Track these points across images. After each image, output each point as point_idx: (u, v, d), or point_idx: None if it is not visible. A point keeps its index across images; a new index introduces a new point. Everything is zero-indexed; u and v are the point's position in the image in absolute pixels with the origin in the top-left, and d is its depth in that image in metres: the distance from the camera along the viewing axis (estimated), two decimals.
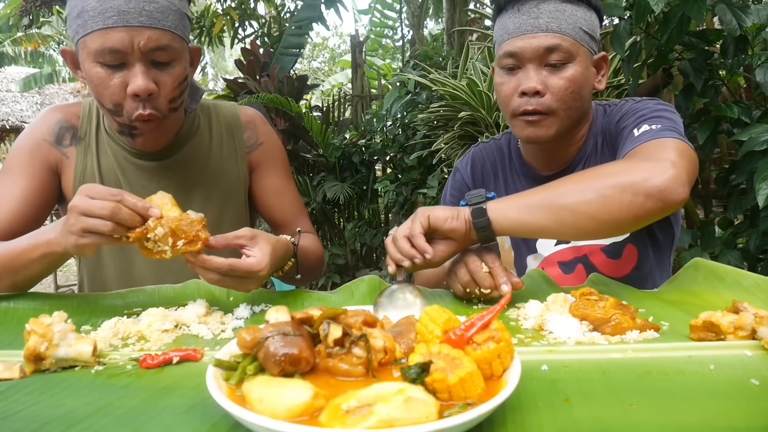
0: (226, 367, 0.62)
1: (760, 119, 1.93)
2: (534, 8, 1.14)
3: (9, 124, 11.58)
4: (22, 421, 0.60)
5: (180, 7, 1.12)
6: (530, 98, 1.15)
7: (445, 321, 0.68)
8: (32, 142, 1.24)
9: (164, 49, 1.09)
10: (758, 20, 1.74)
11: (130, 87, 1.07)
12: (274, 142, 1.44)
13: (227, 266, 0.94)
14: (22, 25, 7.12)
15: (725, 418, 0.57)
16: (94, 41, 1.05)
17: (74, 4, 1.07)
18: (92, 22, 1.05)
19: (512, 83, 1.18)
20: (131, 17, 1.05)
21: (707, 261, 1.09)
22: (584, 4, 1.16)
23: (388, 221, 4.86)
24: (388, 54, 9.27)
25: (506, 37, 1.17)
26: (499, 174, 1.37)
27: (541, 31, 1.13)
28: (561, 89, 1.14)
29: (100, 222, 0.88)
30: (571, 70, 1.14)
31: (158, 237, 0.90)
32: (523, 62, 1.15)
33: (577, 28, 1.14)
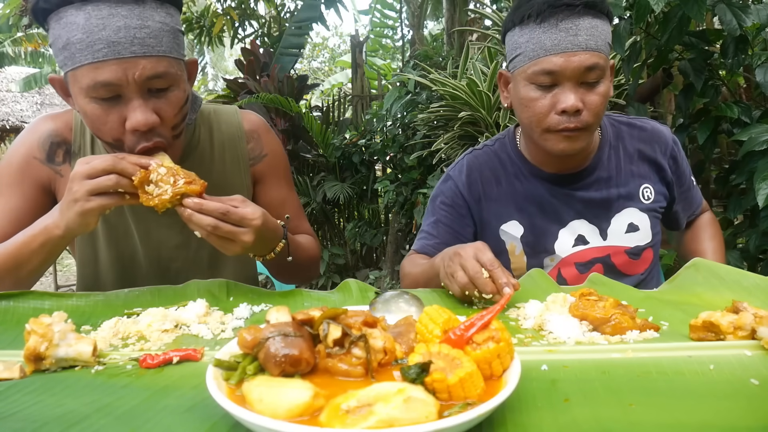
0: (226, 367, 0.62)
1: (760, 119, 1.93)
2: (572, 25, 1.12)
3: (9, 124, 11.57)
4: (22, 421, 0.60)
5: (173, 25, 1.04)
6: (570, 116, 1.15)
7: (444, 321, 0.68)
8: (22, 159, 1.18)
9: (161, 77, 1.01)
10: (758, 20, 1.74)
11: (129, 122, 1.00)
12: (278, 152, 1.39)
13: (224, 209, 0.95)
14: (22, 25, 7.12)
15: (725, 418, 0.57)
16: (85, 76, 0.97)
17: (58, 34, 0.97)
18: (80, 55, 0.96)
19: (548, 100, 1.17)
20: (122, 48, 0.96)
21: (707, 261, 1.10)
22: (607, 18, 1.17)
23: (388, 221, 4.86)
24: (388, 54, 9.26)
25: (542, 53, 1.15)
26: (502, 180, 1.36)
27: (580, 49, 1.12)
28: (597, 106, 1.16)
29: (103, 178, 0.91)
30: (603, 86, 1.16)
31: (161, 176, 0.93)
32: (560, 80, 1.14)
33: (606, 43, 1.16)
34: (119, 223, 1.25)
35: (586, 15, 1.13)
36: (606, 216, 1.32)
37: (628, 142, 1.35)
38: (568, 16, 1.12)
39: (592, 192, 1.31)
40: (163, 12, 1.02)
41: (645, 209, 1.33)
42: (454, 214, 1.38)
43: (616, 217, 1.32)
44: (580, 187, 1.31)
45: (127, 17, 0.96)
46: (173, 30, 1.04)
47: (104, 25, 0.95)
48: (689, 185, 1.42)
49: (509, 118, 2.67)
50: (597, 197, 1.31)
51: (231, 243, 0.99)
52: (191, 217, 0.96)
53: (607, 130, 1.35)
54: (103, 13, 0.95)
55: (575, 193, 1.31)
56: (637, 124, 1.38)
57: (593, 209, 1.32)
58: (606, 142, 1.34)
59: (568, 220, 1.32)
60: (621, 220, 1.32)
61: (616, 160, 1.34)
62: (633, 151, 1.35)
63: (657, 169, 1.35)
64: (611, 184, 1.32)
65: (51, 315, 0.76)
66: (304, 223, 1.43)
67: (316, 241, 1.41)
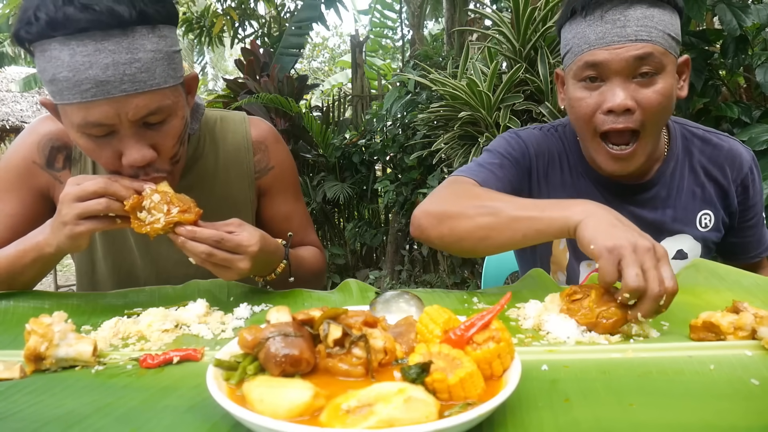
0: (227, 367, 0.62)
1: (760, 119, 1.93)
2: (620, 15, 1.02)
3: (9, 124, 11.57)
4: (22, 421, 0.60)
5: (167, 49, 0.96)
6: (618, 116, 1.05)
7: (445, 321, 0.68)
8: (21, 163, 1.15)
9: (155, 113, 0.95)
10: (758, 20, 1.74)
11: (126, 160, 0.96)
12: (286, 164, 1.33)
13: (218, 236, 0.92)
14: None
15: (725, 418, 0.57)
16: (74, 114, 0.92)
17: (43, 67, 0.91)
18: (68, 93, 0.90)
19: (593, 98, 1.07)
20: (112, 87, 0.89)
21: (707, 261, 1.09)
22: (670, 6, 1.05)
23: (388, 221, 4.86)
24: (388, 54, 9.26)
25: (586, 47, 1.05)
26: (565, 166, 1.26)
27: (629, 41, 1.02)
28: (654, 104, 1.04)
29: (93, 201, 0.87)
30: (661, 83, 1.04)
31: (154, 204, 0.89)
32: (607, 75, 1.05)
33: (666, 35, 1.04)
34: (118, 235, 1.22)
35: (639, 4, 1.02)
36: (656, 238, 1.15)
37: (696, 158, 1.23)
38: (616, 6, 1.03)
39: (646, 211, 1.21)
40: (155, 37, 0.93)
41: (699, 237, 1.22)
42: (518, 169, 1.23)
43: (666, 241, 1.22)
44: (635, 202, 1.21)
45: (114, 52, 0.89)
46: (168, 55, 0.96)
47: (91, 63, 0.88)
48: (757, 222, 1.27)
49: (509, 118, 2.67)
50: (649, 218, 1.21)
51: (227, 270, 0.97)
52: (184, 245, 0.93)
53: (677, 142, 1.22)
54: (88, 50, 0.88)
55: (628, 207, 1.21)
56: (713, 141, 1.24)
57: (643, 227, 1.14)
58: (673, 155, 1.22)
59: None
60: (670, 244, 1.22)
61: (680, 178, 1.22)
62: (700, 171, 1.22)
63: (722, 194, 1.23)
64: (668, 205, 1.21)
65: (51, 315, 0.76)
66: (310, 235, 1.38)
67: (321, 253, 1.37)
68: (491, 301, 0.99)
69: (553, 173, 1.26)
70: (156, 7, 0.93)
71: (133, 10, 0.89)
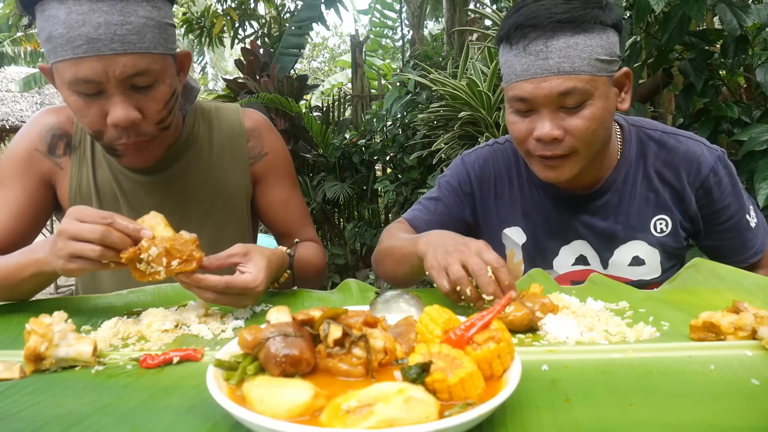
0: (227, 367, 0.62)
1: (760, 119, 1.93)
2: (543, 47, 1.02)
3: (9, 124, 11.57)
4: (22, 421, 0.60)
5: (159, 19, 1.01)
6: (547, 144, 1.06)
7: (445, 321, 0.68)
8: (24, 152, 1.17)
9: (143, 74, 0.99)
10: (758, 20, 1.74)
11: (110, 118, 0.99)
12: (280, 151, 1.35)
13: (223, 284, 0.90)
14: (22, 25, 7.12)
15: (725, 418, 0.57)
16: (66, 71, 0.97)
17: (42, 26, 0.97)
18: (61, 50, 0.95)
19: (525, 125, 1.09)
20: (102, 45, 0.94)
21: (707, 261, 1.09)
22: (598, 27, 1.02)
23: (388, 221, 4.86)
24: (388, 54, 9.26)
25: (513, 78, 1.07)
26: (515, 181, 1.28)
27: (551, 74, 1.02)
28: (582, 130, 1.05)
29: (87, 247, 0.85)
30: (590, 108, 1.04)
31: (152, 257, 0.86)
32: (535, 106, 1.06)
33: (593, 61, 1.02)
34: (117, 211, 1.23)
35: (561, 34, 1.01)
36: (608, 246, 1.22)
37: (651, 162, 1.20)
38: (539, 37, 1.02)
39: (597, 219, 1.21)
40: (149, 6, 0.99)
41: (655, 243, 1.20)
42: (457, 200, 1.31)
43: (620, 248, 1.22)
44: (586, 210, 1.22)
45: (108, 13, 0.94)
46: (159, 24, 1.01)
47: (84, 21, 0.94)
48: (736, 225, 1.20)
49: None
50: (600, 226, 1.21)
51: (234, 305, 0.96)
52: (190, 289, 0.92)
53: (631, 147, 1.21)
54: (83, 9, 0.94)
55: (580, 217, 1.22)
56: (668, 143, 1.20)
57: (596, 236, 1.22)
58: (625, 161, 1.20)
59: (571, 239, 1.24)
60: (625, 251, 1.22)
61: (632, 183, 1.20)
62: (653, 175, 1.20)
63: (678, 198, 1.20)
64: (620, 212, 1.21)
65: (51, 315, 0.76)
66: (308, 230, 1.39)
67: (321, 249, 1.37)
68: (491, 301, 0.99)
69: (502, 190, 1.29)
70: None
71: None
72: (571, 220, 1.23)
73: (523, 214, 1.27)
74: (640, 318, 0.87)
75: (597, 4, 1.03)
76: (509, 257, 1.30)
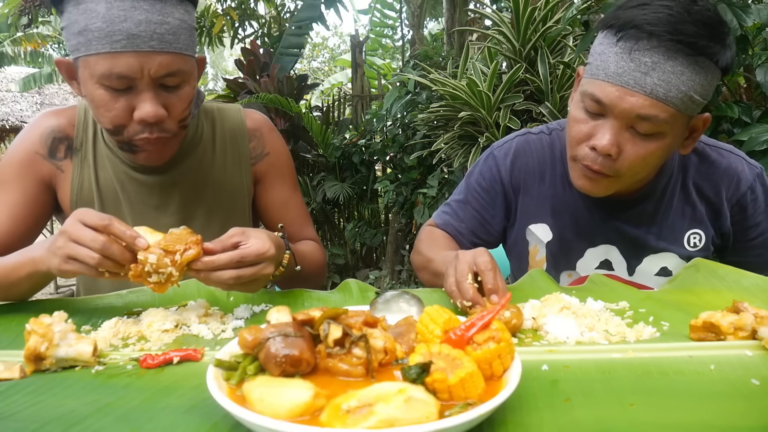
0: (227, 367, 0.62)
1: (761, 119, 1.93)
2: (648, 60, 0.93)
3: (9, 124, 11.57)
4: (22, 421, 0.60)
5: (190, 22, 1.06)
6: (598, 156, 1.00)
7: (445, 321, 0.68)
8: (24, 155, 1.17)
9: (175, 74, 1.03)
10: (759, 20, 1.74)
11: (139, 113, 1.01)
12: (281, 152, 1.36)
13: (238, 256, 0.90)
14: (21, 24, 7.11)
15: (725, 418, 0.57)
16: (100, 64, 0.98)
17: (74, 18, 0.98)
18: (97, 43, 0.97)
19: (587, 128, 1.02)
20: (141, 41, 0.97)
21: (707, 261, 1.09)
22: (712, 65, 0.95)
23: (388, 221, 4.86)
24: (388, 54, 9.26)
25: (602, 76, 0.98)
26: (546, 177, 1.23)
27: (643, 92, 0.94)
28: (637, 159, 0.99)
29: (86, 252, 0.85)
30: (657, 143, 0.98)
31: (154, 264, 0.85)
32: (608, 114, 0.99)
33: (687, 97, 0.94)
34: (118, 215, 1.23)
35: (676, 56, 0.92)
36: (638, 254, 1.19)
37: (691, 175, 1.16)
38: (650, 48, 0.93)
39: (630, 227, 1.18)
40: (182, 9, 1.03)
41: (686, 257, 1.17)
42: (487, 199, 1.26)
43: (649, 258, 1.19)
44: (619, 217, 1.18)
45: (148, 11, 0.98)
46: (190, 27, 1.06)
47: (126, 16, 0.96)
48: (762, 243, 1.18)
49: (509, 118, 2.67)
50: (632, 234, 1.18)
51: (253, 283, 0.96)
52: (208, 278, 0.90)
53: (674, 157, 1.16)
54: (125, 5, 0.96)
55: (612, 221, 1.18)
56: (710, 157, 1.16)
57: (626, 243, 1.19)
58: (667, 171, 1.15)
59: (599, 242, 1.21)
60: (654, 261, 1.19)
61: (671, 195, 1.16)
62: (692, 189, 1.16)
63: (714, 214, 1.17)
64: (654, 222, 1.17)
65: (51, 315, 0.76)
66: (308, 229, 1.39)
67: (320, 247, 1.37)
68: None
69: (531, 185, 1.24)
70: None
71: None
72: (602, 224, 1.20)
73: (552, 211, 1.23)
74: (640, 318, 0.87)
75: (722, 40, 0.95)
76: (532, 255, 1.27)
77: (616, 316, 0.87)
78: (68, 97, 13.75)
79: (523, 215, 1.26)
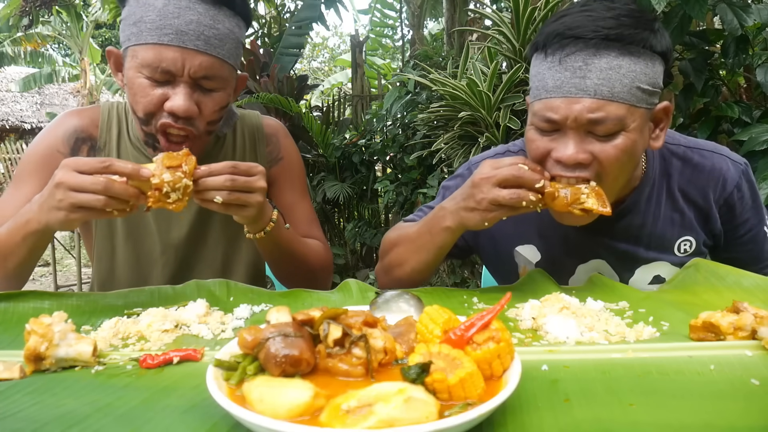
0: (227, 368, 0.62)
1: (760, 119, 1.93)
2: (582, 63, 0.92)
3: (9, 124, 11.58)
4: (22, 421, 0.60)
5: (239, 36, 1.11)
6: (568, 168, 0.97)
7: (445, 321, 0.68)
8: (44, 151, 1.20)
9: (212, 78, 1.08)
10: (759, 20, 1.74)
11: (171, 104, 1.05)
12: (294, 158, 1.40)
13: (232, 164, 0.97)
14: (22, 25, 7.12)
15: (725, 418, 0.57)
16: (146, 53, 1.04)
17: (133, 10, 1.05)
18: (147, 34, 1.03)
19: (544, 143, 0.99)
20: (188, 39, 1.03)
21: (707, 261, 1.09)
22: (646, 53, 0.94)
23: (388, 221, 4.86)
24: (388, 54, 9.26)
25: (543, 94, 0.97)
26: None
27: (587, 96, 0.92)
28: (611, 159, 0.96)
29: (92, 197, 0.88)
30: (621, 140, 0.95)
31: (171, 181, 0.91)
32: (562, 127, 0.97)
33: (634, 89, 0.93)
34: (140, 219, 1.25)
35: (605, 52, 0.92)
36: (629, 267, 1.18)
37: (675, 180, 1.14)
38: (579, 51, 0.93)
39: (619, 242, 1.16)
40: (234, 22, 1.09)
41: (678, 263, 1.15)
42: None
43: (641, 269, 1.18)
44: (606, 232, 1.15)
45: (201, 14, 1.04)
46: (237, 40, 1.11)
47: (179, 14, 1.02)
48: (754, 238, 1.18)
49: (509, 118, 2.67)
50: (621, 248, 1.16)
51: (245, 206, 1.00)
52: (206, 184, 0.96)
53: (654, 164, 1.14)
54: (181, 4, 1.03)
55: (599, 238, 1.16)
56: (693, 160, 1.13)
57: (616, 257, 1.18)
58: (649, 180, 1.13)
59: (589, 258, 1.19)
60: (646, 271, 1.18)
61: (656, 204, 1.14)
62: (678, 195, 1.14)
63: (704, 218, 1.15)
64: (642, 234, 1.15)
65: (51, 315, 0.75)
66: (316, 231, 1.40)
67: (325, 247, 1.38)
68: (491, 301, 0.99)
69: None
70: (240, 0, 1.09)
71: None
72: (589, 241, 1.17)
73: (538, 232, 1.21)
74: (640, 318, 0.87)
75: (649, 26, 0.95)
76: (521, 275, 1.23)
77: (616, 316, 0.87)
78: (68, 98, 13.75)
79: (508, 237, 1.23)
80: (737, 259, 1.18)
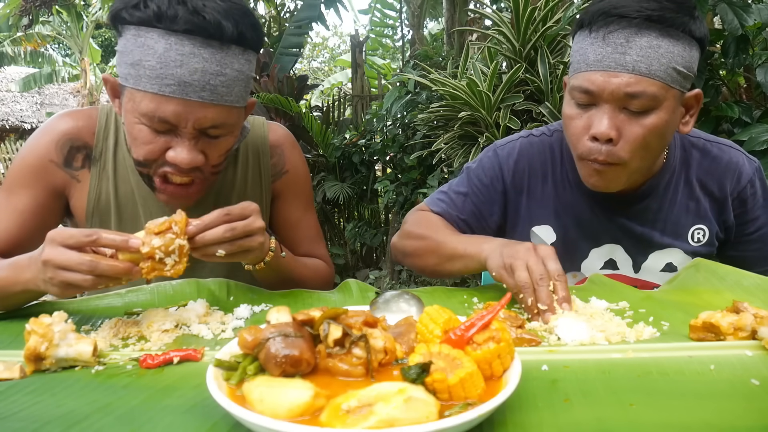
0: (227, 367, 0.62)
1: (761, 119, 1.93)
2: (623, 40, 0.97)
3: (9, 124, 11.58)
4: (22, 421, 0.60)
5: (248, 73, 1.01)
6: (601, 145, 1.02)
7: (445, 321, 0.68)
8: (37, 161, 1.12)
9: (219, 127, 1.00)
10: (759, 20, 1.74)
11: (173, 156, 0.98)
12: (300, 170, 1.33)
13: (223, 211, 0.90)
14: (22, 25, 7.12)
15: (725, 418, 0.57)
16: (145, 103, 0.94)
17: (130, 48, 0.94)
18: (147, 81, 0.93)
19: (583, 121, 1.04)
20: (192, 91, 0.93)
21: (707, 261, 1.09)
22: (685, 37, 0.98)
23: (388, 221, 4.86)
24: (388, 54, 9.26)
25: (584, 67, 1.02)
26: (549, 178, 1.23)
27: (626, 71, 0.97)
28: (637, 139, 1.01)
29: (79, 277, 0.82)
30: (653, 118, 1.00)
31: (163, 246, 0.83)
32: (598, 101, 1.02)
33: (671, 69, 0.98)
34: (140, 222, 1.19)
35: (647, 31, 0.97)
36: (644, 251, 1.21)
37: (693, 170, 1.18)
38: (622, 29, 0.98)
39: (635, 224, 1.19)
40: (243, 59, 0.99)
41: (691, 252, 1.19)
42: (487, 196, 1.26)
43: (655, 254, 1.21)
44: (623, 214, 1.19)
45: (207, 60, 0.93)
46: (247, 78, 1.01)
47: (182, 62, 0.92)
48: (760, 237, 1.21)
49: (509, 118, 2.67)
50: (637, 231, 1.19)
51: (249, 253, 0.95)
52: (204, 240, 0.89)
53: (675, 153, 1.18)
54: (185, 50, 0.92)
55: (617, 219, 1.19)
56: (712, 152, 1.19)
57: (632, 240, 1.20)
58: (669, 167, 1.17)
59: (603, 242, 1.22)
60: (660, 257, 1.20)
61: (674, 191, 1.18)
62: (695, 184, 1.18)
63: (718, 209, 1.19)
64: (659, 218, 1.19)
65: (51, 315, 0.76)
66: (319, 248, 1.36)
67: (328, 266, 1.34)
68: (491, 301, 0.99)
69: (535, 186, 1.24)
70: (253, 34, 0.99)
71: (235, 29, 0.94)
72: (606, 223, 1.20)
73: (555, 212, 1.23)
74: (640, 318, 0.87)
75: (689, 12, 0.99)
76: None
77: (616, 316, 0.87)
78: (68, 98, 13.75)
79: (526, 218, 1.26)
80: (745, 257, 1.22)
